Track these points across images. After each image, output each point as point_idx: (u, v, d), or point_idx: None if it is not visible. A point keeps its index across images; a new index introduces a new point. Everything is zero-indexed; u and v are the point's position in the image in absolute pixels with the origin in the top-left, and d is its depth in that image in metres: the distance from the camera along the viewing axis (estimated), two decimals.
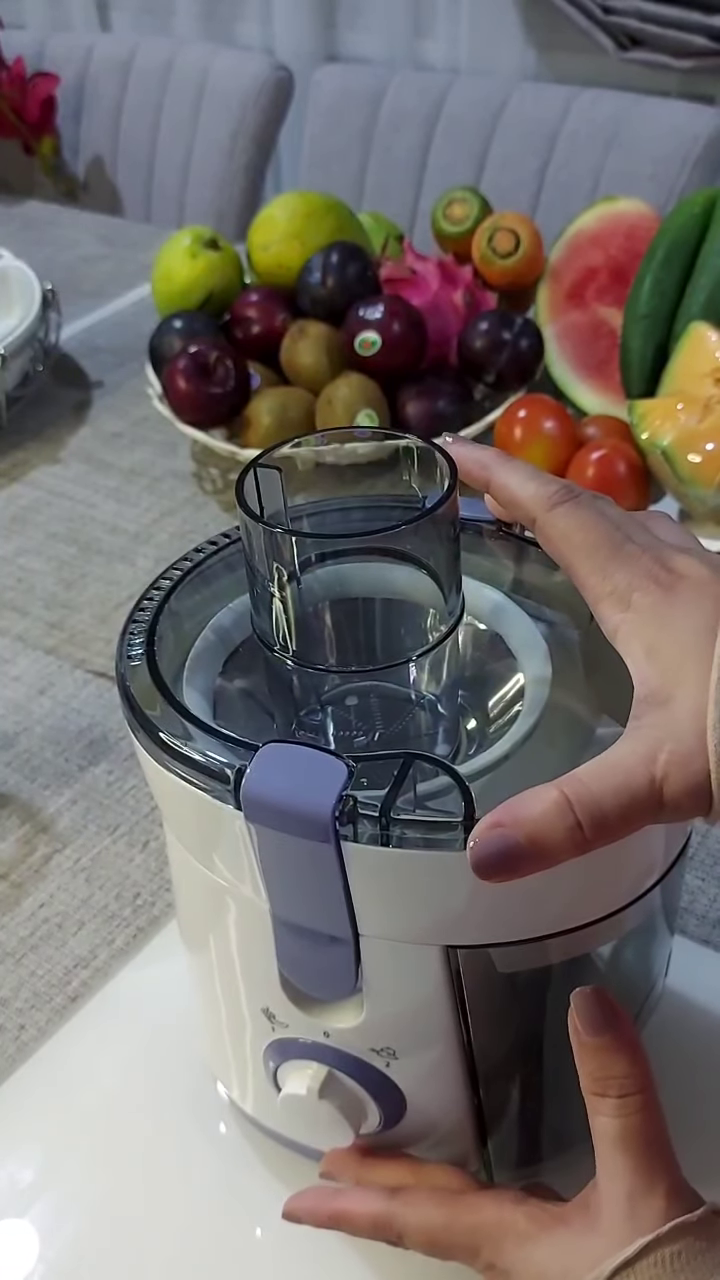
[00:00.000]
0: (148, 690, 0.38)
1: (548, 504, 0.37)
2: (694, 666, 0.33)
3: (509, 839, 0.31)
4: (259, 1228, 0.49)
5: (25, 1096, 0.54)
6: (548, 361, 0.98)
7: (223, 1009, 0.46)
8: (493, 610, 0.42)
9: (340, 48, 2.10)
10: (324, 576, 0.38)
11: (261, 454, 0.38)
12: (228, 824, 0.36)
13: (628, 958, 0.45)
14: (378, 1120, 0.43)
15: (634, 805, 0.32)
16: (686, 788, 0.32)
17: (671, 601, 0.34)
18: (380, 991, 0.39)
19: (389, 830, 0.34)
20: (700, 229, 0.93)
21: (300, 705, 0.40)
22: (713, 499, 0.80)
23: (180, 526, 0.91)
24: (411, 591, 0.39)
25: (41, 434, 1.05)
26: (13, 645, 0.81)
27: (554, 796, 0.31)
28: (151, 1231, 0.49)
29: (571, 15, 1.79)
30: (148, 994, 0.58)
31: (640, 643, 0.34)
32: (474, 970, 0.38)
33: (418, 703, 0.40)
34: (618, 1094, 0.37)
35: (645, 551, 0.36)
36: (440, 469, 0.37)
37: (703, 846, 0.62)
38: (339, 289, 0.94)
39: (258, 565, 0.37)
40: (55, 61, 1.79)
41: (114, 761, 0.71)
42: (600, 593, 0.35)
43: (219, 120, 1.65)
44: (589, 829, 0.31)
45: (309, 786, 0.34)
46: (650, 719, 0.33)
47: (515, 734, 0.37)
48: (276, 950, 0.40)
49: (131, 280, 1.32)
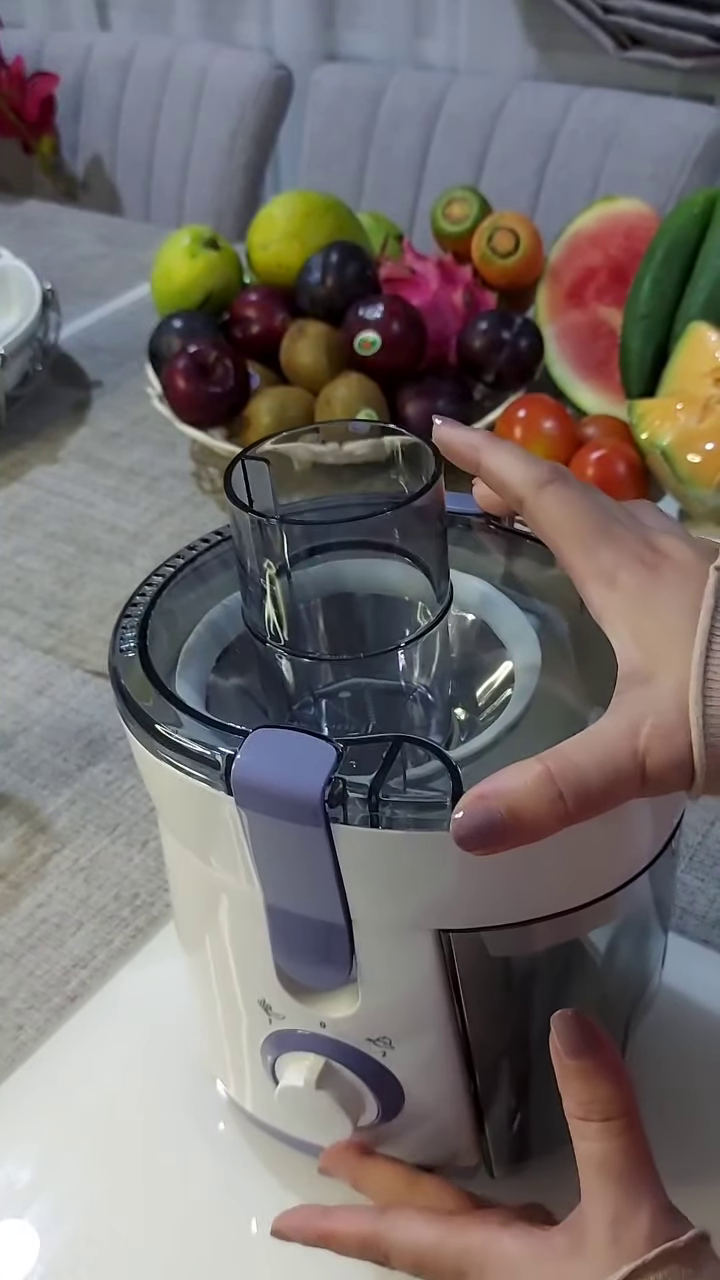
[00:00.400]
0: (140, 682, 0.39)
1: (536, 485, 0.37)
2: (677, 645, 0.33)
3: (492, 811, 0.32)
4: (257, 1226, 0.49)
5: (24, 1096, 0.54)
6: (547, 361, 0.97)
7: (220, 1004, 0.46)
8: (481, 601, 0.42)
9: (340, 47, 2.10)
10: (314, 574, 0.39)
11: (249, 447, 0.38)
12: (220, 811, 0.36)
13: (621, 953, 0.45)
14: (376, 1112, 0.43)
15: (617, 778, 0.32)
16: (669, 761, 0.32)
17: (656, 582, 0.35)
18: (375, 979, 0.39)
19: (378, 811, 0.34)
20: (700, 229, 0.93)
21: (293, 700, 0.40)
22: (712, 499, 0.80)
23: (179, 526, 0.91)
24: (401, 586, 0.39)
25: (41, 433, 1.05)
26: (11, 645, 0.81)
27: (537, 769, 0.32)
28: (150, 1230, 0.49)
29: (571, 15, 1.79)
30: (146, 994, 0.58)
31: (625, 622, 0.34)
32: (467, 956, 0.39)
33: (409, 695, 0.40)
34: (600, 1118, 0.36)
35: (631, 533, 0.36)
36: (426, 461, 0.38)
37: (702, 846, 0.62)
38: (338, 289, 0.94)
39: (248, 557, 0.37)
40: (55, 61, 1.78)
41: (113, 761, 0.71)
42: (587, 573, 0.36)
43: (218, 120, 1.65)
44: (571, 801, 0.32)
45: (298, 769, 0.34)
46: (633, 694, 0.33)
47: (504, 720, 0.37)
48: (271, 940, 0.40)
49: (131, 280, 1.32)
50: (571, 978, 0.44)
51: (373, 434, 0.40)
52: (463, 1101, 0.43)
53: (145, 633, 0.41)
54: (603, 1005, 0.46)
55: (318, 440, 0.40)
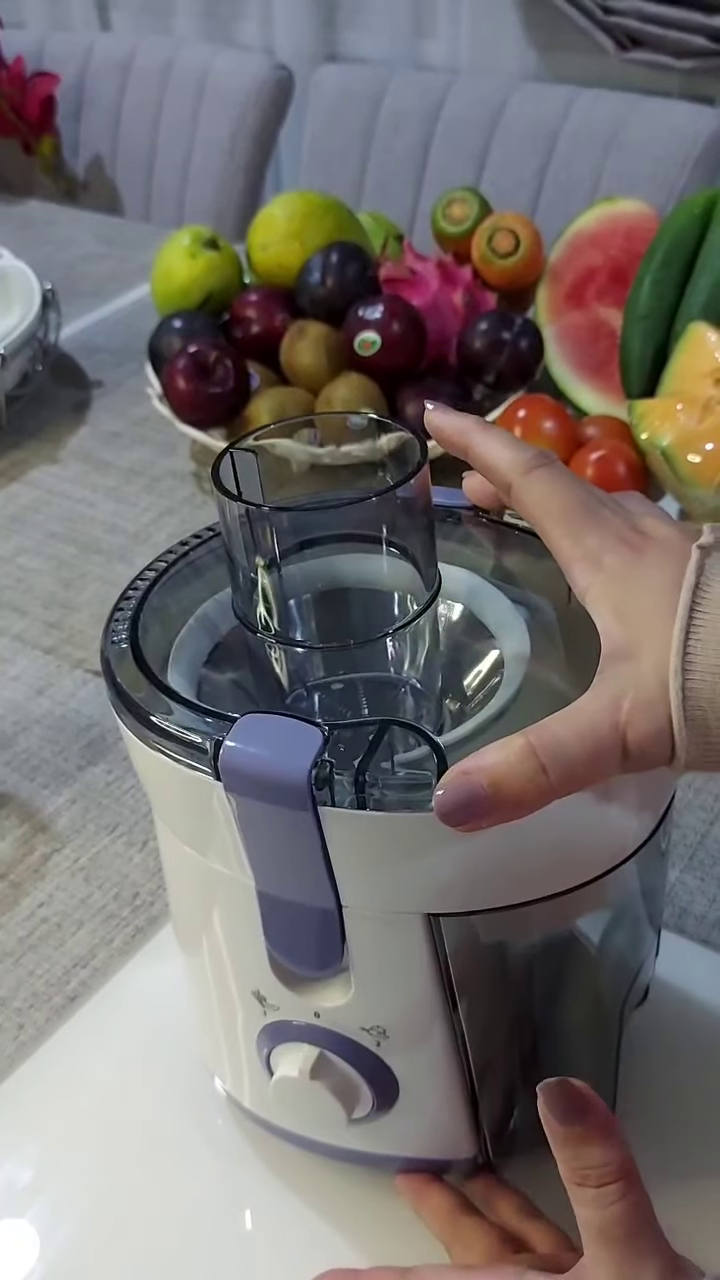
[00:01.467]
0: (132, 673, 0.39)
1: (524, 469, 0.37)
2: (659, 621, 0.34)
3: (474, 785, 0.32)
4: (257, 1222, 0.49)
5: (25, 1095, 0.54)
6: (547, 361, 0.98)
7: (216, 998, 0.46)
8: (470, 592, 0.43)
9: (340, 48, 2.10)
10: (303, 569, 0.39)
11: (237, 439, 0.38)
12: (210, 798, 0.36)
13: (613, 941, 0.45)
14: (371, 1102, 0.43)
15: (598, 751, 0.32)
16: (649, 734, 0.32)
17: (640, 562, 0.35)
18: (367, 967, 0.39)
19: (365, 793, 0.34)
20: (700, 229, 0.93)
21: (285, 693, 0.40)
22: (712, 499, 0.80)
23: (179, 526, 0.91)
24: (390, 581, 0.39)
25: (41, 433, 1.05)
26: (11, 645, 0.81)
27: (519, 743, 0.32)
28: (150, 1229, 0.49)
29: (571, 15, 1.79)
30: (146, 993, 0.58)
31: (609, 603, 0.35)
32: (459, 942, 0.39)
33: (400, 686, 0.40)
34: (596, 1184, 0.36)
35: (616, 516, 0.37)
36: (411, 451, 0.38)
37: (702, 846, 0.62)
38: (339, 289, 0.94)
39: (236, 548, 0.38)
40: (55, 61, 1.79)
41: (113, 761, 0.71)
42: (573, 555, 0.36)
43: (219, 120, 1.65)
44: (554, 774, 0.32)
45: (285, 753, 0.34)
46: (615, 670, 0.33)
47: (492, 707, 0.38)
48: (263, 928, 0.40)
49: (131, 280, 1.32)
50: (563, 966, 0.44)
51: (363, 426, 0.40)
52: (458, 1091, 0.43)
53: (137, 625, 0.41)
54: (595, 994, 0.46)
55: (310, 434, 0.40)
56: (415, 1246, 0.46)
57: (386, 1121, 0.44)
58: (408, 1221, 0.47)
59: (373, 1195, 0.48)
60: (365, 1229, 0.48)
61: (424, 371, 0.93)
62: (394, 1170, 0.48)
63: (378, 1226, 0.48)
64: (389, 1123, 0.44)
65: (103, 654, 0.40)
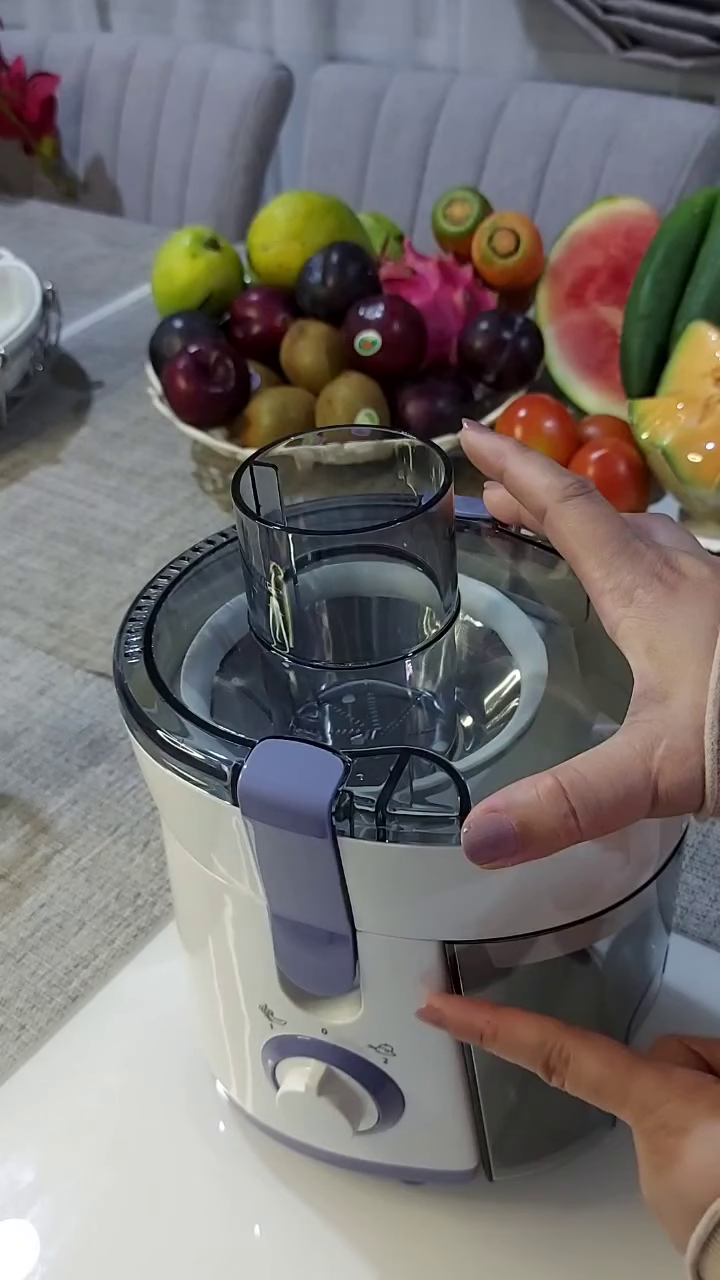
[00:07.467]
0: (145, 688, 0.39)
1: (561, 496, 0.37)
2: (693, 665, 0.33)
3: (502, 824, 0.32)
4: (258, 1226, 0.49)
5: (26, 1096, 0.54)
6: (548, 361, 0.98)
7: (221, 1007, 0.46)
8: (489, 608, 0.42)
9: (340, 48, 2.10)
10: (320, 575, 0.39)
11: (258, 452, 0.38)
12: (225, 821, 0.36)
13: (625, 954, 0.45)
14: (376, 1117, 0.43)
15: (629, 798, 0.32)
16: (681, 783, 0.32)
17: (674, 600, 0.35)
18: (378, 988, 0.39)
19: (385, 825, 0.34)
20: (700, 229, 0.93)
21: (297, 703, 0.40)
22: (713, 499, 0.80)
23: (180, 526, 0.91)
24: (408, 590, 0.39)
25: (41, 434, 1.05)
26: (13, 645, 0.81)
27: (549, 784, 0.32)
28: (151, 1231, 0.49)
29: (571, 15, 1.79)
30: (148, 994, 0.58)
31: (641, 639, 0.34)
32: (471, 966, 0.38)
33: (414, 700, 0.40)
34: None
35: (650, 549, 0.36)
36: (435, 467, 0.38)
37: (703, 846, 0.62)
38: (339, 289, 0.94)
39: (254, 563, 0.37)
40: (55, 61, 1.79)
41: (114, 762, 0.71)
42: (604, 587, 0.36)
43: (219, 120, 1.65)
44: (583, 818, 0.32)
45: (305, 782, 0.34)
46: (648, 714, 0.33)
47: (511, 729, 0.37)
48: (274, 947, 0.40)
49: (131, 280, 1.32)
50: (574, 982, 0.44)
51: (376, 436, 0.40)
52: (463, 1107, 0.43)
53: (150, 637, 0.40)
54: (604, 1009, 0.46)
55: (321, 441, 0.40)
56: (418, 1250, 0.46)
57: (389, 1134, 0.44)
58: (409, 1223, 0.47)
59: (375, 1199, 0.48)
60: (367, 1232, 0.48)
61: (424, 371, 0.93)
62: (394, 1178, 0.47)
63: (380, 1229, 0.48)
64: (393, 1134, 0.44)
65: (115, 668, 0.40)
